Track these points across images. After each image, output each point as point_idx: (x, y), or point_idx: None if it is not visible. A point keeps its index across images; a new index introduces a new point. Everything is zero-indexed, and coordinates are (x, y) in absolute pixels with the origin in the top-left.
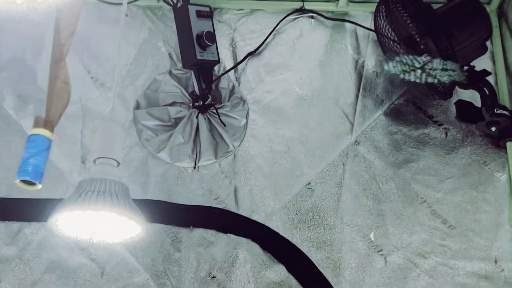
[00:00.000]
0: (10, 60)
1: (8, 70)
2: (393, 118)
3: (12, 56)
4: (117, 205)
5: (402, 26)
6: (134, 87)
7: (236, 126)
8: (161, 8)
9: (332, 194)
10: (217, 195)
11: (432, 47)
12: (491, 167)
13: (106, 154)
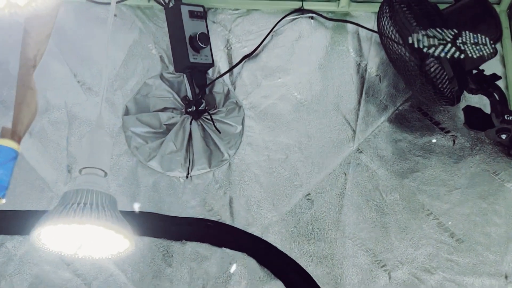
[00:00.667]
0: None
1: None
2: (397, 125)
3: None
4: (104, 218)
5: (407, 27)
6: (123, 91)
7: (232, 133)
8: (152, 8)
9: (333, 205)
10: (211, 206)
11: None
12: (501, 177)
13: (93, 163)
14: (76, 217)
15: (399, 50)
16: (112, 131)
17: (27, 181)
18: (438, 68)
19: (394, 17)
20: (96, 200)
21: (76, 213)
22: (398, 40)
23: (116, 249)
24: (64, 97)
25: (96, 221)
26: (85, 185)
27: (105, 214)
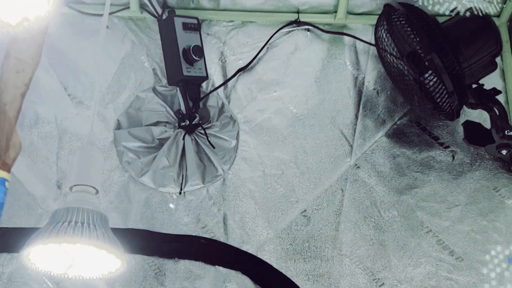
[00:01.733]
0: None
1: None
2: (395, 140)
3: None
4: (96, 238)
5: (405, 40)
6: (115, 105)
7: (226, 148)
8: (145, 20)
9: (330, 222)
10: (204, 223)
11: (438, 64)
12: (502, 194)
13: (84, 181)
14: (66, 236)
15: (397, 64)
16: (103, 145)
17: (16, 197)
18: (437, 82)
19: (392, 30)
20: (88, 218)
21: (66, 232)
22: (396, 54)
23: (107, 269)
24: (54, 110)
25: (87, 241)
26: (76, 203)
27: (97, 233)
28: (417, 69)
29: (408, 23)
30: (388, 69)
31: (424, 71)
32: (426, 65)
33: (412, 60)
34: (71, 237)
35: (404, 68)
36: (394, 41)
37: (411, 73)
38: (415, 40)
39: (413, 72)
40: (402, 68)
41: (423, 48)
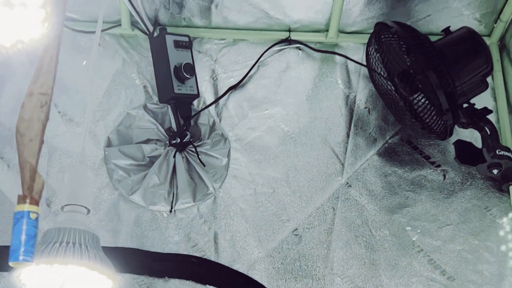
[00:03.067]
0: None
1: None
2: (387, 159)
3: None
4: (87, 258)
5: (397, 59)
6: (105, 122)
7: (217, 166)
8: (136, 37)
9: (321, 241)
10: (195, 242)
11: (435, 81)
12: (493, 213)
13: (75, 200)
14: (58, 257)
15: (386, 84)
16: (93, 163)
17: (4, 215)
18: (426, 102)
19: (383, 50)
20: (79, 239)
21: (58, 253)
22: (384, 74)
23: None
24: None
25: (79, 261)
26: (68, 223)
27: (88, 254)
28: (408, 88)
29: (401, 41)
30: (378, 88)
31: (415, 90)
32: (418, 84)
33: (403, 79)
34: (63, 257)
35: (392, 89)
36: (384, 60)
37: (400, 93)
38: (408, 58)
39: (403, 91)
40: (390, 89)
41: (419, 66)
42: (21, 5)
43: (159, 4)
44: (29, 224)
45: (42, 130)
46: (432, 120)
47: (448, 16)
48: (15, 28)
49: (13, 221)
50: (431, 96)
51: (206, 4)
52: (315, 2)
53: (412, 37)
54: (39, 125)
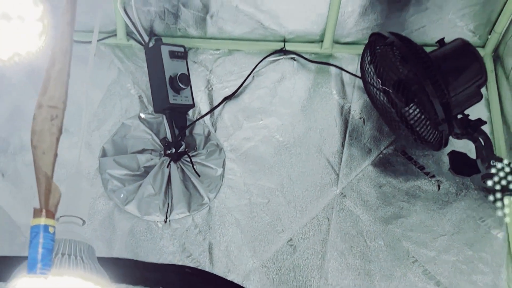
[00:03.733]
0: None
1: None
2: (381, 169)
3: None
4: (83, 269)
5: (392, 69)
6: (101, 132)
7: (212, 176)
8: (131, 47)
9: (316, 251)
10: (190, 252)
11: (431, 91)
12: (487, 224)
13: (70, 211)
14: (53, 268)
15: (379, 95)
16: (88, 173)
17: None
18: (420, 112)
19: (377, 60)
20: (74, 250)
21: (53, 264)
22: (376, 84)
23: None
24: None
25: (74, 273)
26: (63, 235)
27: (84, 265)
28: (404, 98)
29: (398, 51)
30: (372, 100)
31: (411, 100)
32: (413, 94)
33: (398, 89)
34: (58, 269)
35: (384, 100)
36: (378, 71)
37: (393, 104)
38: (404, 68)
39: (398, 101)
40: (383, 100)
41: (415, 76)
42: (18, 18)
43: (154, 15)
44: (47, 237)
45: (55, 143)
46: (426, 131)
47: (443, 27)
48: (12, 41)
49: (30, 235)
50: (426, 106)
51: (202, 15)
52: (310, 13)
53: (408, 47)
54: (52, 138)
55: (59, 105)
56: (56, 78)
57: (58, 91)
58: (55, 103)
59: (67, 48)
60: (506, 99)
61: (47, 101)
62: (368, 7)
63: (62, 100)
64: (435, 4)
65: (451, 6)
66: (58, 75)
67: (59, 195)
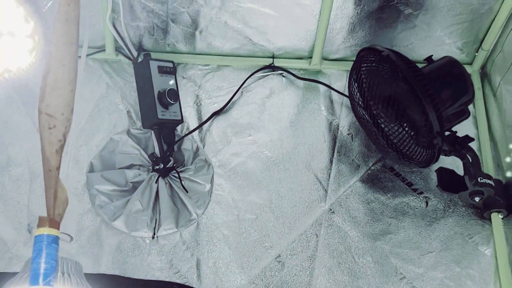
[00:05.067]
0: None
1: None
2: (370, 185)
3: None
4: (70, 286)
5: (381, 84)
6: (88, 147)
7: (200, 192)
8: (120, 62)
9: (304, 268)
10: (177, 268)
11: (428, 104)
12: (475, 241)
13: None
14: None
15: (364, 114)
16: (75, 189)
17: None
18: (405, 131)
19: (361, 80)
20: (62, 267)
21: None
22: (359, 102)
23: None
24: (26, 152)
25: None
26: None
27: (71, 281)
28: (394, 114)
29: (391, 64)
30: (358, 118)
31: (400, 116)
32: (403, 109)
33: (388, 104)
34: None
35: (369, 119)
36: (364, 89)
37: (377, 124)
38: (395, 83)
39: (386, 118)
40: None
41: (414, 88)
42: (9, 34)
43: (143, 30)
44: (55, 249)
45: (55, 154)
46: (411, 149)
47: (431, 44)
48: (3, 57)
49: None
50: (416, 121)
51: (191, 30)
52: (299, 29)
53: (404, 60)
54: (50, 148)
55: (56, 115)
56: (52, 87)
57: (55, 101)
58: (52, 112)
59: (63, 58)
60: (494, 116)
61: (44, 108)
62: (357, 24)
63: (61, 111)
64: (423, 21)
65: (439, 24)
66: (55, 84)
67: (66, 204)
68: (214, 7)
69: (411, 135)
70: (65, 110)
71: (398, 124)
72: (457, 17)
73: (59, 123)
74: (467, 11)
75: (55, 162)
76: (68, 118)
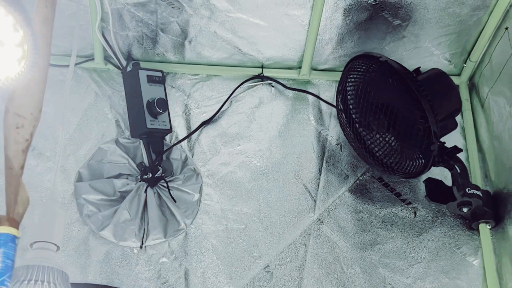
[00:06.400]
0: None
1: None
2: (358, 195)
3: None
4: None
5: (374, 93)
6: (76, 156)
7: (189, 202)
8: (109, 71)
9: (293, 278)
10: (165, 278)
11: (428, 109)
12: (463, 251)
13: (45, 237)
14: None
15: (346, 126)
16: (63, 198)
17: None
18: (385, 146)
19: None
20: (48, 277)
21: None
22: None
23: None
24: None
25: None
26: (36, 261)
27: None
28: (386, 122)
29: (391, 71)
30: (343, 129)
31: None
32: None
33: (381, 112)
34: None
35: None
36: (355, 97)
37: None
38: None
39: (376, 127)
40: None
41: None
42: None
43: (132, 39)
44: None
45: (20, 154)
46: (396, 160)
47: (419, 55)
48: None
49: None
50: (408, 129)
51: (180, 40)
52: (288, 39)
53: (401, 66)
54: (16, 147)
55: (26, 115)
56: (25, 87)
57: (26, 101)
58: (21, 112)
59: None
60: (482, 127)
61: (14, 108)
62: (346, 35)
63: (31, 111)
64: (412, 32)
65: (428, 35)
66: (28, 84)
67: (27, 204)
68: (203, 17)
69: (397, 147)
70: (34, 110)
71: (384, 135)
72: (445, 29)
73: (28, 123)
74: (455, 23)
75: (20, 162)
76: (37, 118)
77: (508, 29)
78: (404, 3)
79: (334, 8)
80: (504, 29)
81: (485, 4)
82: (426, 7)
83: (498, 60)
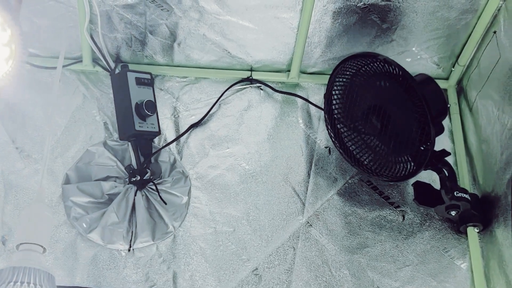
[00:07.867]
0: None
1: None
2: (347, 198)
3: None
4: None
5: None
6: (64, 159)
7: (177, 204)
8: (97, 73)
9: (281, 281)
10: (153, 281)
11: (428, 108)
12: (451, 254)
13: (31, 239)
14: None
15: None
16: (50, 200)
17: None
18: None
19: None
20: (34, 278)
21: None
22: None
23: None
24: (1, 164)
25: None
26: (22, 263)
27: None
28: (379, 122)
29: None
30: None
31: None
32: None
33: (373, 113)
34: None
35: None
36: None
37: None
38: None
39: (366, 128)
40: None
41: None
42: None
43: (121, 42)
44: None
45: None
46: (381, 165)
47: (407, 59)
48: None
49: None
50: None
51: (169, 42)
52: (277, 43)
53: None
54: None
55: None
56: None
57: None
58: None
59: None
60: (470, 130)
61: None
62: (335, 38)
63: None
64: (401, 36)
65: (416, 39)
66: None
67: None
68: (192, 19)
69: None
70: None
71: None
72: (434, 32)
73: None
74: (443, 27)
75: None
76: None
77: (496, 33)
78: (393, 6)
79: (323, 11)
80: (492, 33)
81: (474, 8)
82: (415, 10)
83: (486, 64)
